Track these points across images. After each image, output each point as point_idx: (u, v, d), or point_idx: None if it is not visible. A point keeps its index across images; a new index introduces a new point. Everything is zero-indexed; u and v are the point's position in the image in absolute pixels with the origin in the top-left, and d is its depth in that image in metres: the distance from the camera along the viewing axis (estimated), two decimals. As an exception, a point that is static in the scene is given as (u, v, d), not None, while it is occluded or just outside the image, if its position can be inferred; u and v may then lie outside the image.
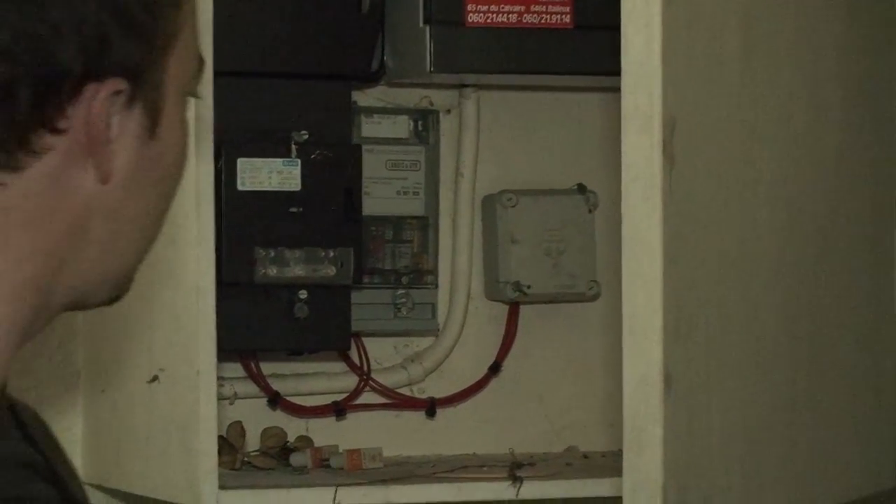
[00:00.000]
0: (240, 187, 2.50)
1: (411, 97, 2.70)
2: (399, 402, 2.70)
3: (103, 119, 1.46)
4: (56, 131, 1.42)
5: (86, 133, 1.44)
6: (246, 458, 2.55)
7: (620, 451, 2.11)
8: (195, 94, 1.56)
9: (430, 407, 2.70)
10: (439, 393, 2.73)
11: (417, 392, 2.72)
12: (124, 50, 1.45)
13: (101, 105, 1.44)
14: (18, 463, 1.50)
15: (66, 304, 1.55)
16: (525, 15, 2.56)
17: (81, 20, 1.43)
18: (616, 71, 2.08)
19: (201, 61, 1.58)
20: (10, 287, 1.48)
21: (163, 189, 1.54)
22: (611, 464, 2.24)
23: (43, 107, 1.43)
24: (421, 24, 2.54)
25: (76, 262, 1.51)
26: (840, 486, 2.50)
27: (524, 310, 2.73)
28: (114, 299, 1.56)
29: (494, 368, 2.71)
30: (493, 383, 2.73)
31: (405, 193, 2.69)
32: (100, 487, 2.58)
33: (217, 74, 2.25)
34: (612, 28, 2.11)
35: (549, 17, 2.57)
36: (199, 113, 2.28)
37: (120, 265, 1.55)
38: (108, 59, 1.45)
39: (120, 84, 1.44)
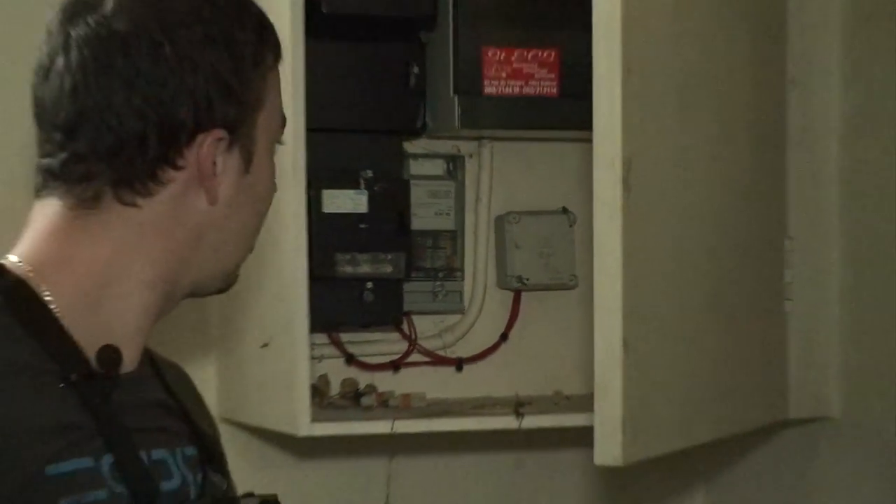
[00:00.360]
0: (324, 210, 2.47)
1: (444, 146, 2.67)
2: (436, 360, 2.68)
3: (210, 158, 1.55)
4: (176, 168, 1.52)
5: (198, 169, 1.54)
6: (329, 400, 2.56)
7: (592, 393, 2.10)
8: (280, 142, 1.65)
9: (459, 364, 2.69)
10: (465, 354, 2.70)
11: (449, 353, 2.69)
12: (224, 110, 1.55)
13: (208, 149, 1.53)
14: (155, 403, 1.64)
15: (188, 292, 1.64)
16: (524, 87, 2.53)
17: (193, 89, 1.53)
18: (589, 126, 2.09)
19: (284, 119, 1.65)
20: (149, 279, 1.58)
21: (256, 209, 1.64)
22: (586, 403, 2.18)
23: (166, 151, 1.52)
24: (451, 95, 2.51)
25: (195, 262, 1.61)
26: (749, 417, 2.51)
27: (525, 296, 2.72)
28: (223, 290, 1.67)
29: (504, 337, 2.71)
30: (503, 347, 2.71)
31: (440, 214, 2.67)
32: (229, 420, 2.53)
33: (310, 130, 2.31)
34: (586, 96, 2.10)
35: (541, 88, 2.54)
36: (295, 157, 2.33)
37: (227, 264, 1.64)
38: (212, 116, 1.54)
39: (221, 134, 1.53)
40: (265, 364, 2.44)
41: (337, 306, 2.54)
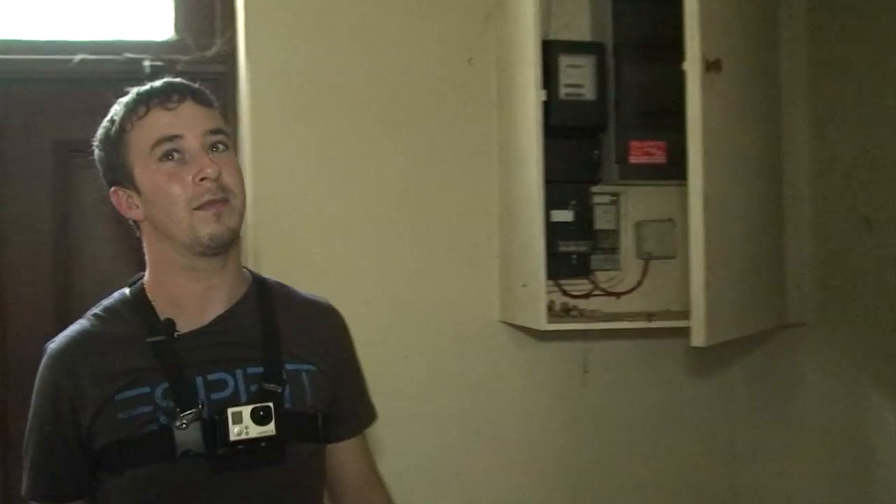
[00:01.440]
0: (552, 220, 2.44)
1: (610, 189, 2.60)
2: (607, 293, 2.64)
3: (118, 202, 1.47)
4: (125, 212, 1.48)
5: (120, 208, 1.48)
6: (555, 313, 2.53)
7: (687, 311, 2.06)
8: (170, 154, 1.41)
9: (618, 295, 2.64)
10: (621, 290, 2.64)
11: (613, 290, 2.64)
12: (108, 178, 1.47)
13: (113, 197, 1.48)
14: (225, 341, 1.45)
15: (195, 256, 1.43)
16: (649, 159, 2.47)
17: (99, 174, 1.49)
18: (683, 177, 2.04)
19: (157, 139, 1.42)
20: (160, 264, 1.47)
21: (162, 205, 1.42)
22: (684, 315, 2.10)
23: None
24: (614, 164, 2.48)
25: (169, 245, 1.45)
26: (767, 321, 2.42)
27: (652, 262, 2.66)
28: (210, 248, 1.41)
29: (639, 283, 2.65)
30: (640, 287, 2.65)
31: (608, 221, 2.60)
32: (506, 322, 2.54)
33: (546, 182, 2.29)
34: (681, 163, 2.05)
35: (658, 160, 2.48)
36: (538, 195, 2.27)
37: (180, 235, 1.42)
38: (107, 182, 1.47)
39: (115, 189, 1.47)
40: (524, 294, 2.35)
41: (559, 267, 2.51)
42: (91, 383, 1.43)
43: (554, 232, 2.47)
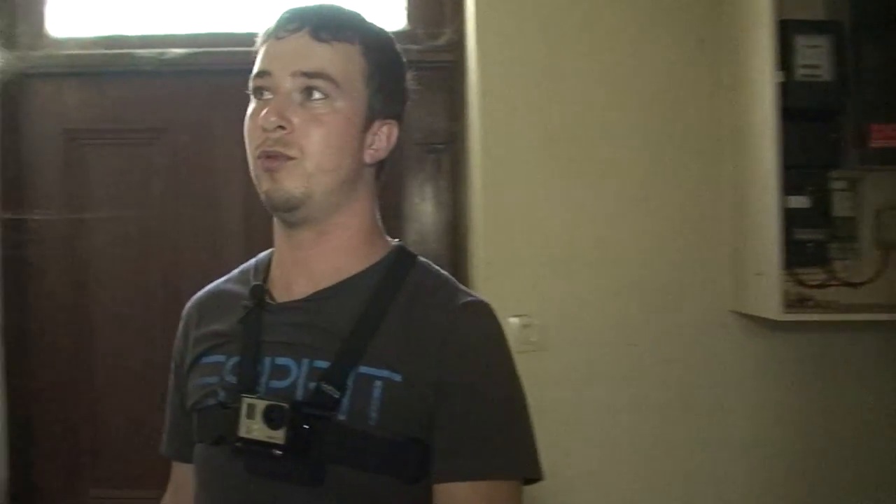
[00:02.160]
0: (788, 206, 2.38)
1: (850, 174, 2.50)
2: (843, 283, 2.54)
3: None
4: None
5: None
6: (789, 302, 2.42)
7: None
8: (257, 93, 1.27)
9: (856, 285, 2.53)
10: (858, 280, 2.55)
11: (849, 280, 2.54)
12: None
13: None
14: (310, 324, 1.26)
15: (280, 219, 1.30)
16: (892, 143, 2.39)
17: None
18: None
19: (254, 74, 1.27)
20: None
21: (246, 143, 1.27)
22: None
23: None
24: (854, 148, 2.43)
25: None
26: None
27: (893, 252, 2.54)
28: (273, 209, 1.26)
29: (880, 272, 2.53)
30: (880, 278, 2.51)
31: (845, 208, 2.51)
32: (737, 312, 2.51)
33: (785, 167, 2.27)
34: None
35: None
36: (774, 181, 2.25)
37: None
38: None
39: None
40: (758, 282, 2.35)
41: (794, 255, 2.45)
42: (194, 341, 1.36)
43: (789, 218, 2.43)
